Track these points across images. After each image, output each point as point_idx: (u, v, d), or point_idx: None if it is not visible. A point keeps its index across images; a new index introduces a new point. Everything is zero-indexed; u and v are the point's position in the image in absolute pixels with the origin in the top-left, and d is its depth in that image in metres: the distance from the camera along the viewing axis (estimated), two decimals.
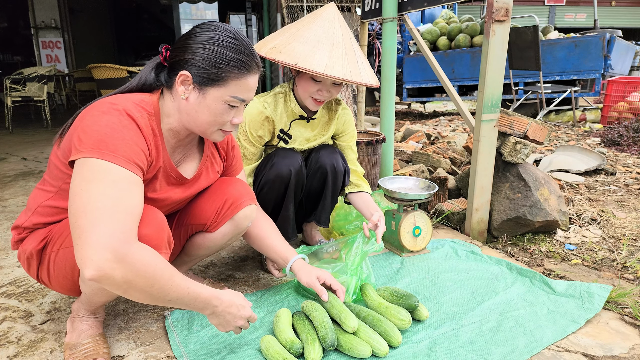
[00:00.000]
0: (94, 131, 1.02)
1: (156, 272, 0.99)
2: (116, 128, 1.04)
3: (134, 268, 0.95)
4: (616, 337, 1.36)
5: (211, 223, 1.43)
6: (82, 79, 8.03)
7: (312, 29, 1.63)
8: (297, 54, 1.56)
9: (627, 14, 14.97)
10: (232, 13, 9.43)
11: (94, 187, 0.97)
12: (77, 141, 1.03)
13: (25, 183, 3.32)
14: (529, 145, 2.12)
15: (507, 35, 1.95)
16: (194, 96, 1.15)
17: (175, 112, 1.19)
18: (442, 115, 7.20)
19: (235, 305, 1.17)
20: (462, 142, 3.88)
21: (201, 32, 1.14)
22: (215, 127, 1.20)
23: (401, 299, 1.43)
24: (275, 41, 1.64)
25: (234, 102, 1.17)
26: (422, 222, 1.97)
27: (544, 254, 2.02)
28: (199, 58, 1.12)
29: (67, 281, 1.21)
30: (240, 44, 1.15)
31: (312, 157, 1.84)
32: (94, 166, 0.99)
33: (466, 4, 13.52)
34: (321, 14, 1.68)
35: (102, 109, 1.07)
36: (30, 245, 1.21)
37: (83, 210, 0.95)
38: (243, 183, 1.48)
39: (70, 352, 1.25)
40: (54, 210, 1.21)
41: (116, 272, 0.92)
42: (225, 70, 1.13)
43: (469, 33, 6.73)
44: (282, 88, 1.80)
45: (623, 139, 4.08)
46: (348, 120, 1.92)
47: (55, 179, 1.19)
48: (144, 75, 1.20)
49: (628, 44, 6.44)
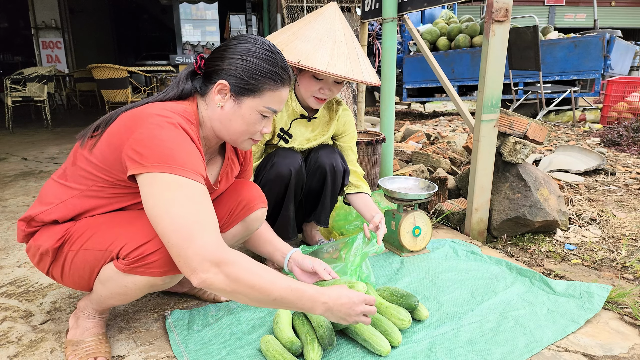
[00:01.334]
0: (156, 145, 1.04)
1: (256, 273, 1.04)
2: (178, 142, 1.06)
3: (234, 272, 1.01)
4: (616, 337, 1.36)
5: (223, 224, 1.45)
6: (83, 79, 8.04)
7: (314, 28, 1.63)
8: (299, 52, 1.56)
9: (627, 14, 14.98)
10: (232, 13, 9.44)
11: (176, 205, 1.01)
12: (137, 155, 1.04)
13: (26, 183, 3.32)
14: (528, 145, 2.12)
15: (507, 36, 1.95)
16: (229, 105, 1.18)
17: (208, 121, 1.22)
18: (442, 116, 7.20)
19: (346, 296, 1.16)
20: (462, 142, 3.89)
21: (240, 44, 1.17)
22: (247, 136, 1.23)
23: (401, 299, 1.44)
24: (278, 39, 1.64)
25: (267, 113, 1.21)
26: (422, 222, 1.97)
27: (543, 254, 2.02)
28: (237, 69, 1.15)
29: (82, 280, 1.22)
30: (276, 57, 1.19)
31: (311, 157, 1.84)
32: (168, 182, 1.02)
33: (466, 4, 13.52)
34: (323, 12, 1.69)
35: (157, 122, 1.07)
36: (46, 242, 1.19)
37: (171, 229, 1.00)
38: (256, 187, 1.52)
39: (73, 348, 1.25)
40: (76, 208, 1.19)
41: (219, 277, 1.00)
42: (262, 82, 1.16)
43: (469, 33, 6.73)
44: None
45: (623, 139, 4.09)
46: (348, 121, 1.92)
47: (83, 179, 1.17)
48: (182, 85, 1.22)
49: (628, 44, 6.44)
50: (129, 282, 1.14)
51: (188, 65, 1.28)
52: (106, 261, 1.15)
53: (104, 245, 1.14)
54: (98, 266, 1.17)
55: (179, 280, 1.24)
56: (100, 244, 1.15)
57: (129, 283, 1.15)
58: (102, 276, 1.18)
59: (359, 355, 1.28)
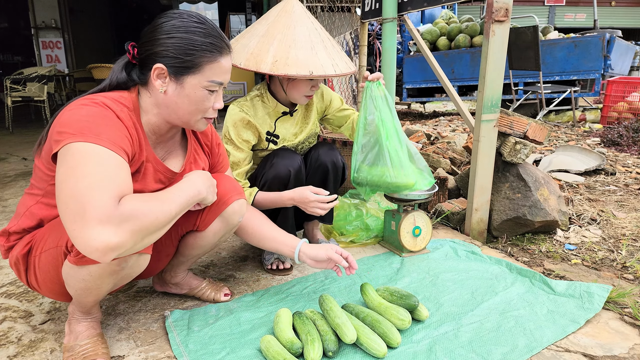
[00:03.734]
0: (74, 121, 1.01)
1: (150, 210, 1.00)
2: (98, 116, 1.03)
3: (132, 224, 0.96)
4: (616, 337, 1.36)
5: (200, 221, 1.41)
6: (83, 79, 8.03)
7: (297, 31, 1.63)
8: (304, 63, 1.56)
9: (627, 14, 14.97)
10: (232, 13, 9.42)
11: (80, 169, 0.96)
12: (57, 135, 1.02)
13: (26, 183, 3.32)
14: (528, 145, 2.12)
15: (507, 36, 1.95)
16: (172, 88, 1.14)
17: (154, 107, 1.18)
18: (442, 116, 7.20)
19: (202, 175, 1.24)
20: (462, 142, 3.88)
21: (165, 21, 1.13)
22: (199, 115, 1.20)
23: (401, 299, 1.44)
24: (267, 52, 1.61)
25: (213, 87, 1.17)
26: (422, 222, 1.97)
27: (543, 254, 2.02)
28: (169, 48, 1.11)
29: (54, 285, 1.20)
30: (207, 27, 1.14)
31: (311, 156, 1.85)
32: (78, 150, 0.98)
33: (466, 4, 13.52)
34: (291, 10, 1.68)
35: (80, 103, 1.06)
36: (16, 251, 1.20)
37: (71, 194, 0.94)
38: (229, 178, 1.45)
39: (69, 354, 1.24)
40: (40, 212, 1.19)
41: (120, 238, 0.93)
42: (198, 56, 1.12)
43: (469, 33, 6.73)
44: (258, 90, 1.80)
45: (623, 139, 4.08)
46: (325, 90, 1.93)
47: (40, 181, 1.18)
48: (114, 76, 1.18)
49: (628, 44, 6.44)
50: (84, 274, 1.11)
51: (122, 57, 1.21)
52: (63, 258, 1.13)
53: (55, 242, 1.13)
54: (59, 266, 1.14)
55: (144, 266, 1.19)
56: (53, 242, 1.13)
57: (85, 275, 1.11)
58: (63, 276, 1.15)
59: (358, 355, 1.28)
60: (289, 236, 1.53)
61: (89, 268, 1.09)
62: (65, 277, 1.15)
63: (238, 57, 1.64)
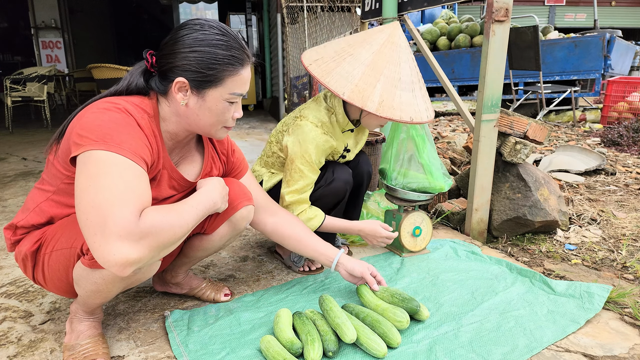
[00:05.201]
0: (96, 126, 1.02)
1: (169, 225, 1.01)
2: (120, 123, 1.04)
3: (151, 240, 0.97)
4: (616, 337, 1.36)
5: (208, 225, 1.42)
6: (82, 79, 8.04)
7: (402, 68, 1.59)
8: (407, 108, 1.55)
9: (627, 14, 14.97)
10: (232, 13, 9.42)
11: (102, 180, 0.96)
12: (78, 137, 1.02)
13: (25, 183, 3.32)
14: (529, 145, 2.12)
15: (507, 35, 1.95)
16: (193, 101, 1.15)
17: (173, 116, 1.19)
18: (442, 115, 7.19)
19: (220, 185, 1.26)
20: (462, 142, 3.88)
21: (187, 34, 1.11)
22: (219, 125, 1.21)
23: (402, 302, 1.43)
24: (374, 88, 1.53)
25: (233, 99, 1.17)
26: (422, 222, 1.97)
27: (544, 254, 2.02)
28: (191, 62, 1.10)
29: (62, 283, 1.21)
30: (228, 39, 1.14)
31: (351, 165, 1.89)
32: (99, 158, 0.98)
33: (466, 4, 13.51)
34: (398, 43, 1.62)
35: (103, 107, 1.06)
36: (25, 247, 1.20)
37: (92, 205, 0.95)
38: (239, 184, 1.44)
39: (69, 353, 1.24)
40: (51, 210, 1.20)
41: (140, 253, 0.95)
42: (221, 70, 1.12)
43: (469, 33, 6.73)
44: (326, 103, 1.72)
45: (623, 139, 4.08)
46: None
47: (54, 178, 1.18)
48: (133, 80, 1.18)
49: (628, 44, 6.44)
50: (97, 277, 1.11)
51: (139, 63, 1.21)
52: (75, 259, 1.13)
53: (69, 242, 1.13)
54: (71, 266, 1.15)
55: (155, 270, 1.19)
56: (67, 242, 1.14)
57: (98, 279, 1.11)
58: (74, 276, 1.15)
59: (358, 355, 1.28)
60: (328, 246, 1.56)
61: (102, 272, 1.10)
62: (76, 278, 1.15)
63: (340, 86, 1.51)
